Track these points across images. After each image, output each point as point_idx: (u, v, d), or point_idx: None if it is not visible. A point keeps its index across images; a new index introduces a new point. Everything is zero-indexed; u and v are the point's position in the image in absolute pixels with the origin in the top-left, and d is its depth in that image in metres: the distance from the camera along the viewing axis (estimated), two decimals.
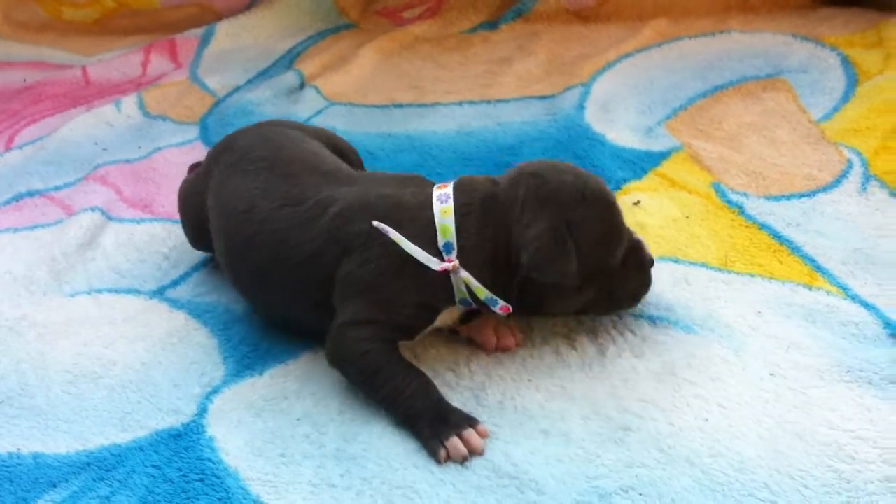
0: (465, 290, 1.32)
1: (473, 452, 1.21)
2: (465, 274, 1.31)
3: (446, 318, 1.40)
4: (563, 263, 1.29)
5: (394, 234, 1.33)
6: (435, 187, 1.38)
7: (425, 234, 1.33)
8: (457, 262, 1.31)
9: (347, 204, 1.39)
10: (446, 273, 1.31)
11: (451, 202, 1.34)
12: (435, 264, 1.31)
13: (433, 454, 1.22)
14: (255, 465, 1.21)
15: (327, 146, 1.65)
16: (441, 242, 1.32)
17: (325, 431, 1.26)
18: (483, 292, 1.31)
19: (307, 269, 1.39)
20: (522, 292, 1.32)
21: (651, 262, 1.39)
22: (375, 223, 1.34)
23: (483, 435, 1.23)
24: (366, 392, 1.32)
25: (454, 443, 1.21)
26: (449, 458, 1.20)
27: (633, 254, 1.37)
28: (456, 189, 1.36)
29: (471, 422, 1.24)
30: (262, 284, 1.47)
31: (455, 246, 1.32)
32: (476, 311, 1.41)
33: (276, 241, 1.42)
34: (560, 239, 1.28)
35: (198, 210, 1.62)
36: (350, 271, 1.35)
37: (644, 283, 1.40)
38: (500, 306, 1.32)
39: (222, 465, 1.22)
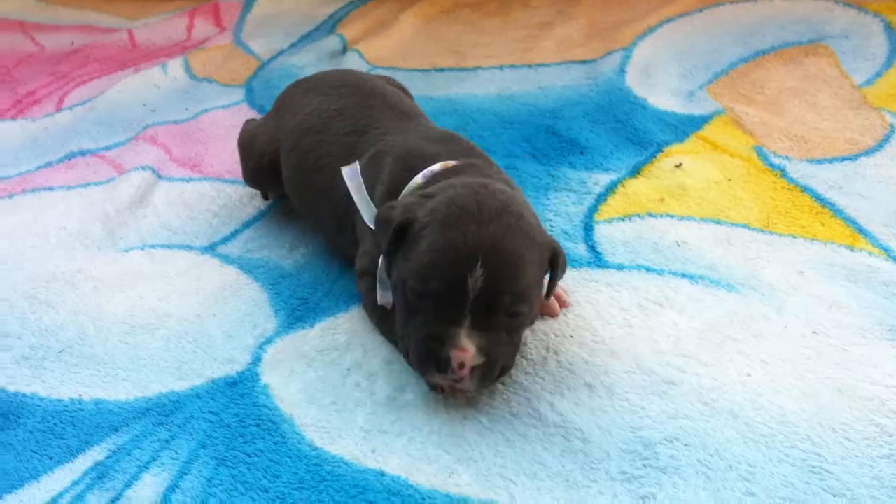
0: None
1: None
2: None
3: None
4: (377, 228, 1.27)
5: (350, 184, 1.36)
6: (439, 164, 1.36)
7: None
8: None
9: (379, 149, 1.43)
10: None
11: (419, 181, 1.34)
12: (371, 222, 1.32)
13: (432, 387, 1.27)
14: (309, 412, 1.25)
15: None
16: None
17: (374, 381, 1.30)
18: None
19: (347, 204, 1.44)
20: None
21: (441, 358, 1.15)
22: (342, 169, 1.39)
23: None
24: (382, 337, 1.38)
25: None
26: (443, 389, 1.25)
27: (431, 330, 1.17)
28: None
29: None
30: (317, 208, 1.53)
31: None
32: None
33: (334, 167, 1.47)
34: (387, 221, 1.23)
35: (267, 143, 1.66)
36: (358, 220, 1.41)
37: (419, 354, 1.18)
38: None
39: (277, 411, 1.26)
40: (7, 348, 1.44)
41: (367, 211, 1.35)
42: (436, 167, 1.34)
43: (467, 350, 1.14)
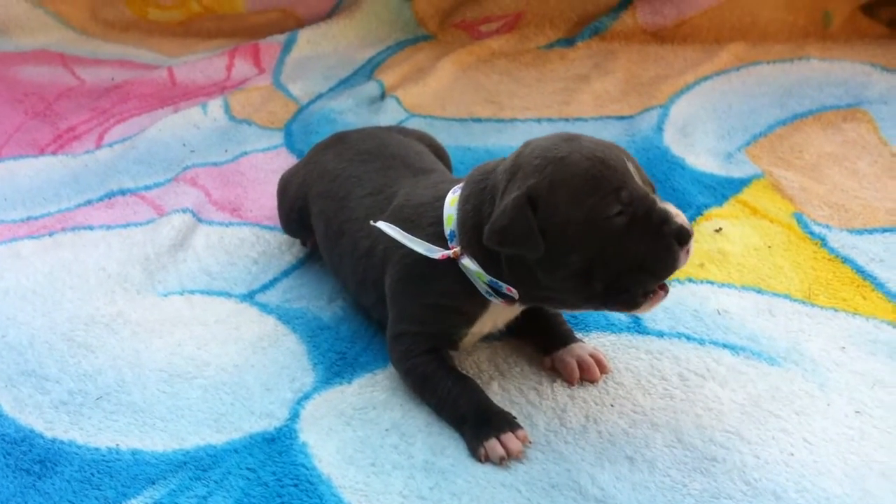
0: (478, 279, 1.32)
1: (510, 455, 1.24)
2: (465, 260, 1.31)
3: (493, 318, 1.41)
4: (517, 230, 1.22)
5: (388, 229, 1.37)
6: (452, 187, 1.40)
7: (438, 229, 1.36)
8: (458, 249, 1.32)
9: (397, 203, 1.45)
10: (454, 265, 1.32)
11: (459, 191, 1.36)
12: (435, 253, 1.33)
13: (473, 453, 1.26)
14: (347, 474, 1.25)
15: (429, 149, 1.74)
16: (447, 232, 1.34)
17: (413, 443, 1.30)
18: (483, 276, 1.30)
19: (366, 263, 1.47)
20: (513, 274, 1.28)
21: (679, 231, 1.21)
22: (372, 222, 1.40)
23: (522, 439, 1.25)
24: (420, 400, 1.37)
25: (492, 444, 1.24)
26: (488, 458, 1.24)
27: (648, 220, 1.21)
28: (469, 175, 1.37)
29: (511, 426, 1.26)
30: (343, 271, 1.55)
31: (457, 233, 1.33)
32: (535, 319, 1.45)
33: (355, 229, 1.50)
34: (516, 205, 1.22)
35: (295, 198, 1.71)
36: (387, 282, 1.42)
37: (659, 251, 1.21)
38: (506, 288, 1.29)
39: (315, 471, 1.26)
40: (46, 392, 1.45)
41: (420, 246, 1.35)
42: (455, 188, 1.38)
43: (679, 211, 1.24)
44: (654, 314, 1.53)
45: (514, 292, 1.29)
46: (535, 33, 2.94)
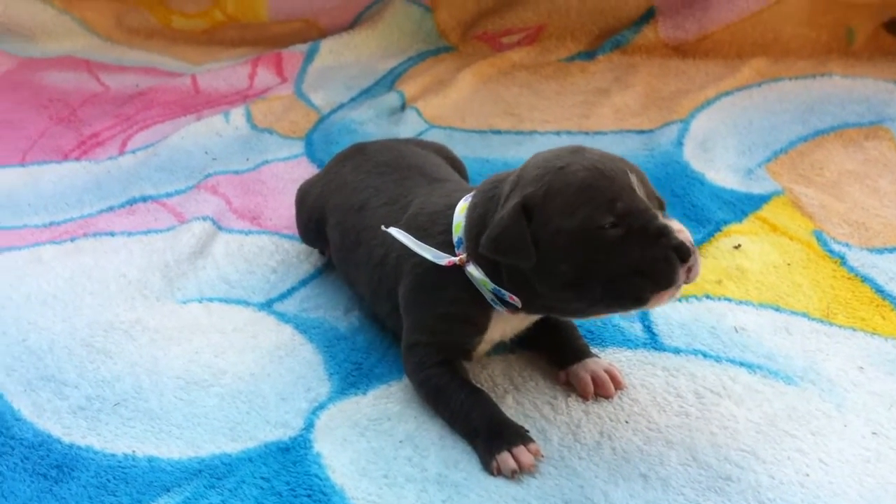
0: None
1: (522, 469, 1.23)
2: (471, 267, 1.32)
3: (503, 327, 1.41)
4: (510, 239, 1.23)
5: (398, 235, 1.38)
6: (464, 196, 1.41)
7: (448, 237, 1.37)
8: (464, 256, 1.33)
9: (411, 212, 1.47)
10: (462, 273, 1.33)
11: (470, 199, 1.37)
12: (442, 259, 1.34)
13: (485, 466, 1.26)
14: (360, 485, 1.25)
15: (446, 161, 1.76)
16: (454, 240, 1.36)
17: (426, 456, 1.30)
18: (488, 284, 1.31)
19: (380, 272, 1.48)
20: (512, 282, 1.29)
21: (679, 246, 1.18)
22: (383, 227, 1.42)
23: (534, 453, 1.25)
24: (433, 412, 1.37)
25: (504, 457, 1.24)
26: (500, 471, 1.24)
27: (645, 233, 1.20)
28: (481, 184, 1.38)
29: (523, 439, 1.26)
30: (359, 280, 1.56)
31: (464, 240, 1.34)
32: (550, 333, 1.45)
33: (370, 237, 1.51)
34: (511, 215, 1.23)
35: (312, 208, 1.73)
36: (401, 292, 1.43)
37: (658, 259, 1.18)
38: (509, 296, 1.30)
39: (329, 482, 1.26)
40: (64, 397, 1.46)
41: (428, 253, 1.36)
42: (466, 196, 1.39)
43: (684, 229, 1.21)
44: (671, 331, 1.53)
45: (516, 300, 1.30)
46: (556, 46, 2.94)
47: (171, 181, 2.23)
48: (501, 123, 2.45)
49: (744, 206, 1.91)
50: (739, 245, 1.75)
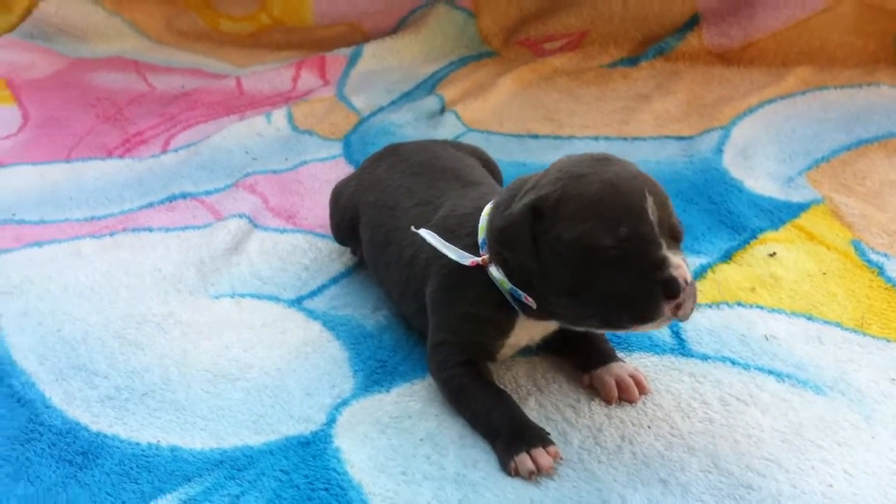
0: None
1: (541, 470, 1.23)
2: (492, 268, 1.32)
3: (528, 331, 1.40)
4: (514, 233, 1.25)
5: (427, 236, 1.39)
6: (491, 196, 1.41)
7: (475, 238, 1.38)
8: (486, 257, 1.33)
9: (442, 213, 1.47)
10: (486, 274, 1.33)
11: (496, 199, 1.37)
12: (466, 260, 1.34)
13: (504, 467, 1.25)
14: (378, 481, 1.25)
15: (480, 163, 1.77)
16: (480, 241, 1.36)
17: (445, 454, 1.30)
18: (506, 284, 1.31)
19: (409, 272, 1.48)
20: (518, 283, 1.29)
21: (668, 281, 1.15)
22: (413, 228, 1.42)
23: (553, 455, 1.24)
24: (455, 412, 1.37)
25: (522, 458, 1.23)
26: (518, 472, 1.23)
27: (641, 261, 1.18)
28: (508, 186, 1.37)
29: (543, 441, 1.25)
30: (388, 280, 1.57)
31: (486, 241, 1.34)
32: (575, 336, 1.42)
33: (400, 238, 1.52)
34: (521, 211, 1.24)
35: (346, 207, 1.73)
36: (427, 292, 1.43)
37: (640, 293, 1.17)
38: (524, 297, 1.29)
39: (347, 476, 1.26)
40: (94, 387, 1.48)
41: (454, 253, 1.37)
42: (494, 199, 1.38)
43: (682, 266, 1.17)
44: (700, 337, 1.51)
45: (531, 301, 1.29)
46: (598, 52, 2.93)
47: (210, 179, 2.26)
48: (540, 128, 2.45)
49: (781, 214, 1.88)
50: (774, 253, 1.73)
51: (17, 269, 1.86)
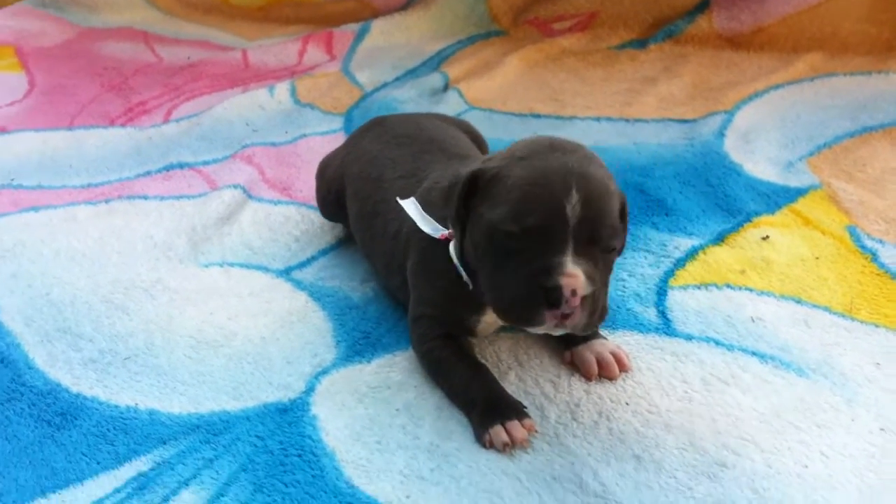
0: None
1: (515, 443, 1.22)
2: (452, 243, 1.32)
3: None
4: (444, 193, 1.30)
5: (407, 206, 1.38)
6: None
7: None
8: (451, 232, 1.33)
9: (425, 185, 1.46)
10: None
11: None
12: (437, 233, 1.34)
13: (478, 439, 1.25)
14: (352, 449, 1.25)
15: (467, 135, 1.76)
16: None
17: (421, 425, 1.29)
18: (454, 259, 1.32)
19: (393, 245, 1.48)
20: (463, 260, 1.30)
21: (550, 289, 1.12)
22: (398, 199, 1.42)
23: (528, 428, 1.24)
24: (434, 384, 1.37)
25: (497, 430, 1.23)
26: (492, 444, 1.23)
27: (531, 263, 1.15)
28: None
29: (518, 414, 1.25)
30: (372, 251, 1.57)
31: None
32: None
33: (386, 210, 1.52)
34: (460, 176, 1.25)
35: (332, 179, 1.73)
36: (409, 265, 1.43)
37: (521, 295, 1.15)
38: (464, 274, 1.30)
39: (321, 444, 1.27)
40: (78, 349, 1.49)
41: (428, 226, 1.36)
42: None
43: (577, 276, 1.12)
44: (686, 317, 1.50)
45: (467, 280, 1.30)
46: (608, 34, 2.91)
47: (209, 150, 2.26)
48: (543, 108, 2.43)
49: (778, 198, 1.86)
50: (767, 236, 1.71)
51: (12, 232, 1.87)
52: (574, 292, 1.12)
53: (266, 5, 3.41)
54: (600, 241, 1.16)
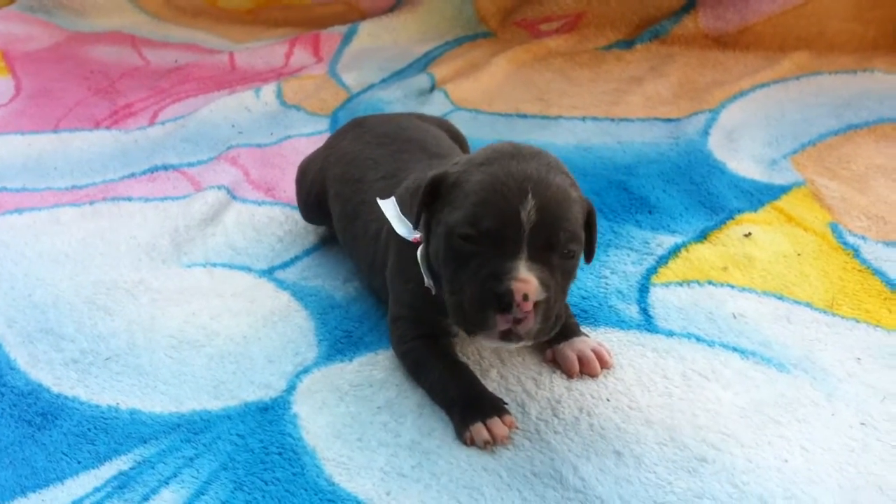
0: None
1: (496, 440, 1.22)
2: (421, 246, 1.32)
3: None
4: (408, 196, 1.33)
5: (385, 207, 1.39)
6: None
7: None
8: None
9: (404, 185, 1.46)
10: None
11: None
12: (409, 235, 1.34)
13: (459, 436, 1.25)
14: (333, 447, 1.25)
15: (447, 134, 1.76)
16: None
17: (402, 422, 1.29)
18: (421, 263, 1.32)
19: (374, 246, 1.48)
20: (428, 264, 1.30)
21: (500, 295, 1.12)
22: (378, 200, 1.42)
23: (509, 425, 1.24)
24: (414, 384, 1.36)
25: (478, 428, 1.23)
26: (473, 441, 1.23)
27: (483, 266, 1.15)
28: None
29: (499, 411, 1.25)
30: (355, 251, 1.58)
31: None
32: None
33: (367, 211, 1.52)
34: (424, 180, 1.25)
35: (313, 182, 1.72)
36: (388, 266, 1.43)
37: (472, 299, 1.15)
38: (427, 279, 1.30)
39: (302, 442, 1.26)
40: (60, 350, 1.49)
41: (403, 227, 1.36)
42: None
43: (529, 281, 1.12)
44: (667, 314, 1.50)
45: (430, 284, 1.31)
46: (595, 34, 2.92)
47: (194, 152, 2.26)
48: (529, 108, 2.44)
49: (762, 195, 1.86)
50: (750, 233, 1.71)
51: None
52: (526, 297, 1.12)
53: (254, 8, 3.42)
54: (557, 247, 1.16)
